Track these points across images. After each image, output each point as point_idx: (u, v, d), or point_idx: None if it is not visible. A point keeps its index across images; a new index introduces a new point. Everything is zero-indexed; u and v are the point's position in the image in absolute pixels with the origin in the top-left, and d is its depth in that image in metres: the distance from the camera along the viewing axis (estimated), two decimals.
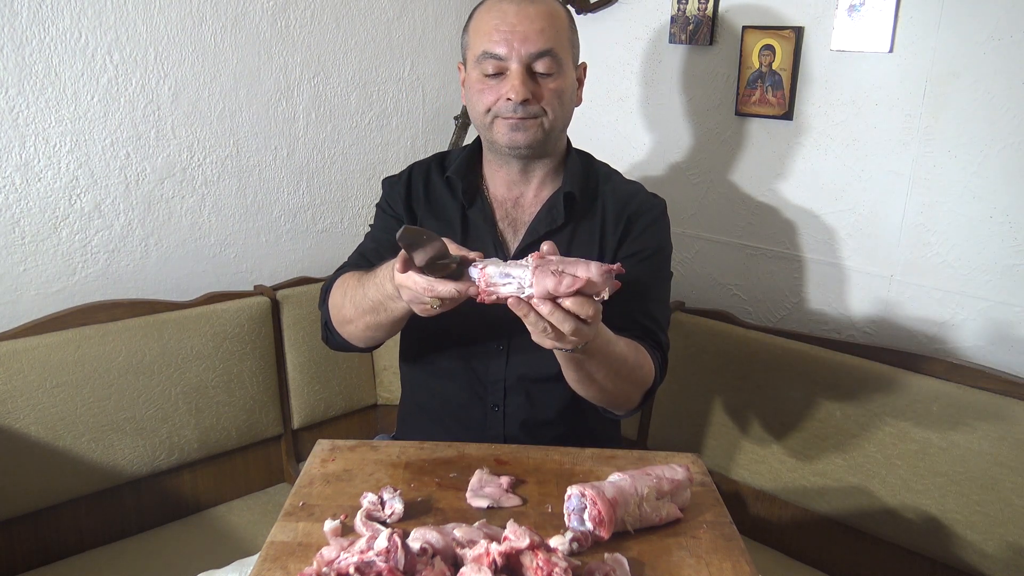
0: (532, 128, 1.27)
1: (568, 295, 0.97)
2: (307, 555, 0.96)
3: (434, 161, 1.44)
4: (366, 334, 1.28)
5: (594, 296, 0.99)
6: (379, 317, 1.21)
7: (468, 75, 1.32)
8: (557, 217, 1.33)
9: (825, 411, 1.68)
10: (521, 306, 0.99)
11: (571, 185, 1.34)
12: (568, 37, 1.30)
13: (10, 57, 1.59)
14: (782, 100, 1.80)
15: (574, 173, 1.36)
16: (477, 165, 1.40)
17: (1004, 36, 1.51)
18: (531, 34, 1.24)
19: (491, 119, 1.28)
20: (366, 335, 1.28)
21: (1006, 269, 1.58)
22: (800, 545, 1.77)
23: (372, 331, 1.26)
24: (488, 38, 1.26)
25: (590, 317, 0.99)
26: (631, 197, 1.39)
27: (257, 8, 1.90)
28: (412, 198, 1.40)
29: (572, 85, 1.31)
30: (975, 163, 1.58)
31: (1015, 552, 1.46)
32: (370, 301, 1.19)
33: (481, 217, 1.35)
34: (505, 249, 1.35)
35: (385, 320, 1.21)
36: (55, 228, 1.71)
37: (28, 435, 1.58)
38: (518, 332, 1.32)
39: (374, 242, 1.41)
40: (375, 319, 1.22)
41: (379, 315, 1.21)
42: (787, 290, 1.91)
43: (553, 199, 1.35)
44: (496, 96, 1.26)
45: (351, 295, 1.25)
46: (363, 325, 1.25)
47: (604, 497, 0.99)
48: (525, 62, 1.24)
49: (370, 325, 1.24)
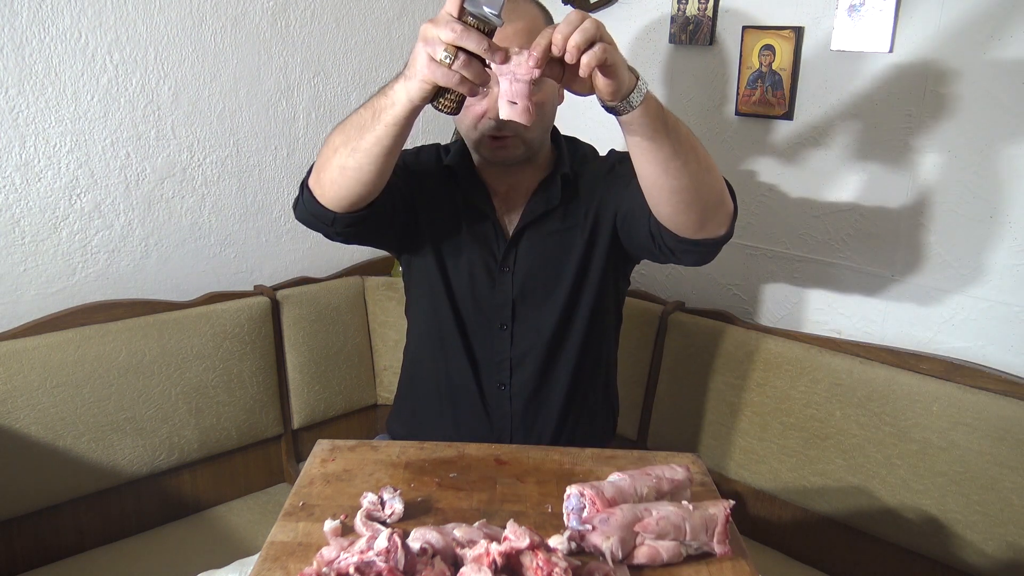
0: (513, 145, 1.32)
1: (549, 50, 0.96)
2: (307, 555, 0.96)
3: (436, 146, 1.49)
4: (343, 168, 1.15)
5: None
6: (367, 132, 1.10)
7: None
8: (553, 198, 1.38)
9: (825, 411, 1.68)
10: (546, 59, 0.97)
11: (568, 167, 1.39)
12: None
13: (10, 57, 1.59)
14: (782, 100, 1.80)
15: (567, 155, 1.42)
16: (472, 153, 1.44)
17: (1004, 36, 1.51)
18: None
19: (478, 135, 1.32)
20: (342, 170, 1.16)
21: (1006, 269, 1.58)
22: (800, 545, 1.77)
23: (352, 156, 1.13)
24: None
25: (593, 35, 0.95)
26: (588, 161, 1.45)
27: (257, 8, 1.90)
28: (419, 166, 1.43)
29: (553, 92, 1.33)
30: (975, 163, 1.58)
31: (1015, 552, 1.46)
32: (368, 109, 1.11)
33: (477, 202, 1.39)
34: (503, 230, 1.40)
35: (372, 137, 1.10)
36: (55, 228, 1.71)
37: (28, 435, 1.58)
38: (521, 310, 1.39)
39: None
40: (361, 136, 1.11)
41: (369, 127, 1.10)
42: (787, 290, 1.91)
43: (549, 180, 1.39)
44: (481, 113, 1.29)
45: (346, 120, 1.16)
46: (346, 151, 1.14)
47: (604, 497, 0.99)
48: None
49: (354, 148, 1.12)
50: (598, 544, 0.94)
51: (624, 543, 0.95)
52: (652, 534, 0.96)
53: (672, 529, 0.97)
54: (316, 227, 1.28)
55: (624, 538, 0.95)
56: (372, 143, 1.10)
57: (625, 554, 0.95)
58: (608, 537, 0.94)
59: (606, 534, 0.94)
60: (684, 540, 0.97)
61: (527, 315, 1.40)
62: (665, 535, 0.96)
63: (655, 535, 0.96)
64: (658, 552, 0.96)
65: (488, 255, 1.39)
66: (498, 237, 1.39)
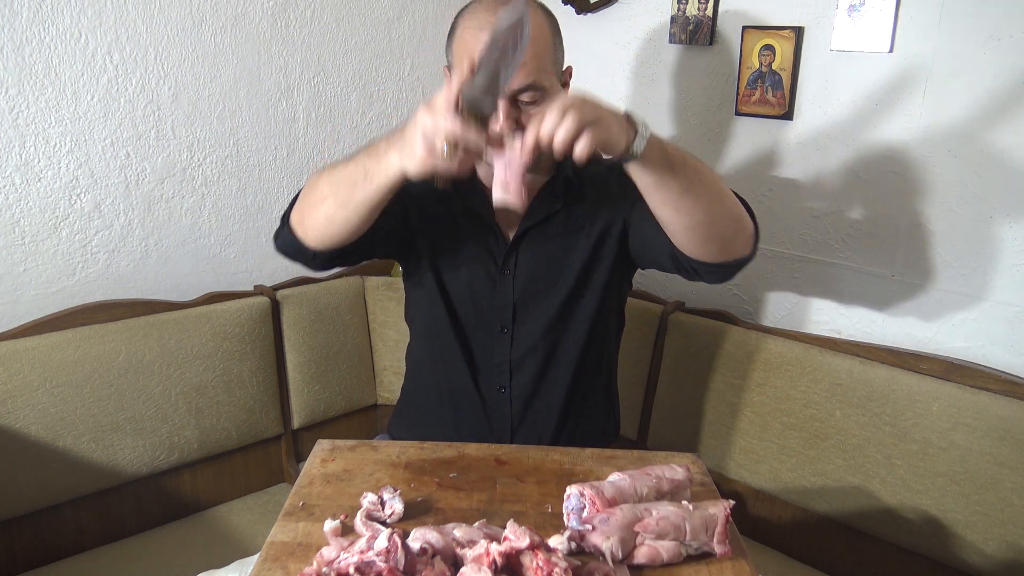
0: None
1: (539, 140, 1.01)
2: (307, 555, 0.96)
3: None
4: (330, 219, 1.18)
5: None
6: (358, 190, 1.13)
7: None
8: (555, 202, 1.37)
9: (825, 411, 1.68)
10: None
11: (569, 169, 1.37)
12: (552, 58, 1.27)
13: (10, 57, 1.59)
14: (782, 100, 1.80)
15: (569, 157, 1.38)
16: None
17: (1004, 36, 1.51)
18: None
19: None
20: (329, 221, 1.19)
21: (1006, 269, 1.58)
22: (800, 545, 1.77)
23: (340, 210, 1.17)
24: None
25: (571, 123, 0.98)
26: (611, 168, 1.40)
27: (257, 8, 1.90)
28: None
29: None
30: (975, 163, 1.58)
31: (1015, 552, 1.46)
32: (356, 169, 1.13)
33: (475, 205, 1.37)
34: (503, 233, 1.39)
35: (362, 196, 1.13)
36: (55, 228, 1.71)
37: (28, 435, 1.58)
38: (522, 313, 1.38)
39: None
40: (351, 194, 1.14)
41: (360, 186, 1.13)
42: (787, 290, 1.91)
43: (550, 183, 1.38)
44: None
45: (331, 172, 1.19)
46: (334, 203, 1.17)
47: (603, 497, 0.99)
48: (508, 96, 1.22)
49: (342, 203, 1.16)
50: (598, 544, 0.94)
51: (624, 543, 0.95)
52: (652, 534, 0.96)
53: (672, 529, 0.97)
54: (297, 260, 1.30)
55: (624, 538, 0.95)
56: (362, 200, 1.14)
57: (625, 554, 0.95)
58: (608, 537, 0.94)
59: (606, 534, 0.94)
60: (684, 540, 0.97)
61: (527, 318, 1.39)
62: (665, 535, 0.96)
63: (655, 535, 0.96)
64: (658, 552, 0.96)
65: (488, 258, 1.38)
66: (498, 240, 1.38)
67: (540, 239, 1.38)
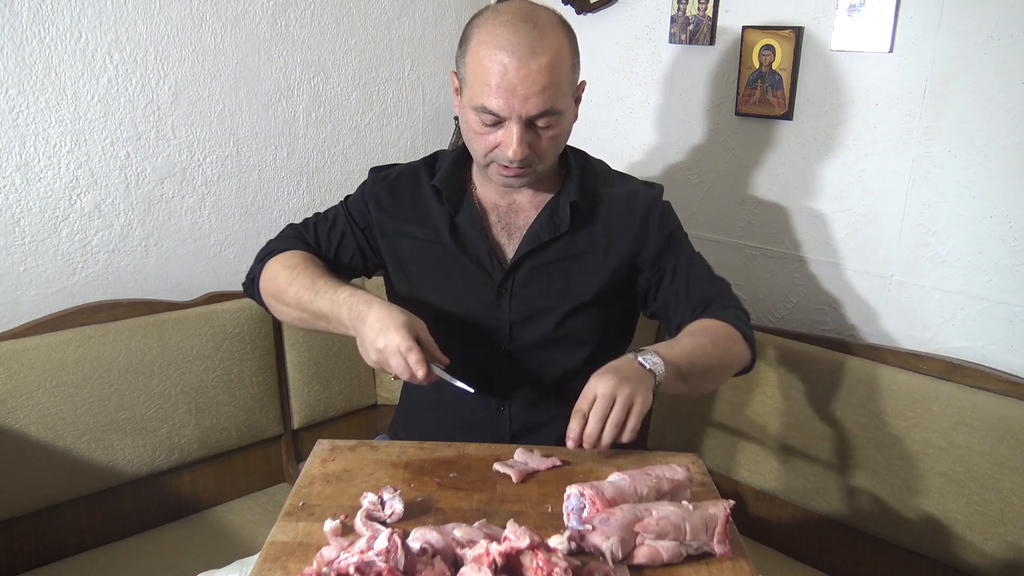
0: (526, 176, 1.28)
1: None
2: (307, 555, 0.96)
3: (423, 165, 1.42)
4: (291, 321, 1.36)
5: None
6: (316, 323, 1.29)
7: (465, 112, 1.26)
8: (561, 225, 1.32)
9: (825, 411, 1.68)
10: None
11: (576, 193, 1.32)
12: (569, 79, 1.23)
13: (10, 57, 1.59)
14: (782, 100, 1.80)
15: (576, 181, 1.34)
16: (466, 169, 1.39)
17: (1004, 36, 1.51)
18: (532, 95, 1.18)
19: (488, 161, 1.27)
20: (290, 321, 1.37)
21: (1006, 269, 1.58)
22: (800, 545, 1.77)
23: (300, 324, 1.34)
24: (487, 93, 1.19)
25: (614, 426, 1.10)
26: (632, 197, 1.38)
27: (257, 8, 1.90)
28: (395, 203, 1.39)
29: (570, 122, 1.28)
30: (975, 163, 1.58)
31: (1015, 552, 1.46)
32: (318, 309, 1.26)
33: (469, 223, 1.34)
34: (501, 256, 1.34)
35: (319, 328, 1.30)
36: (55, 228, 1.71)
37: (28, 435, 1.58)
38: (520, 334, 1.35)
39: (334, 225, 1.43)
40: (311, 323, 1.30)
41: (316, 322, 1.29)
42: (787, 290, 1.91)
43: (553, 205, 1.34)
44: (494, 144, 1.24)
45: (298, 288, 1.29)
46: (296, 317, 1.33)
47: (603, 497, 0.99)
48: (525, 120, 1.20)
49: (303, 321, 1.32)
50: (598, 544, 0.94)
51: (624, 543, 0.95)
52: (652, 534, 0.96)
53: (672, 529, 0.97)
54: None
55: (624, 538, 0.95)
56: (321, 326, 1.29)
57: (625, 554, 0.95)
58: (608, 537, 0.94)
59: (606, 534, 0.94)
60: (684, 540, 0.97)
61: (525, 337, 1.34)
62: (665, 535, 0.96)
63: (655, 535, 0.96)
64: (658, 552, 0.96)
65: (484, 277, 1.34)
66: (493, 260, 1.33)
67: (542, 261, 1.33)
